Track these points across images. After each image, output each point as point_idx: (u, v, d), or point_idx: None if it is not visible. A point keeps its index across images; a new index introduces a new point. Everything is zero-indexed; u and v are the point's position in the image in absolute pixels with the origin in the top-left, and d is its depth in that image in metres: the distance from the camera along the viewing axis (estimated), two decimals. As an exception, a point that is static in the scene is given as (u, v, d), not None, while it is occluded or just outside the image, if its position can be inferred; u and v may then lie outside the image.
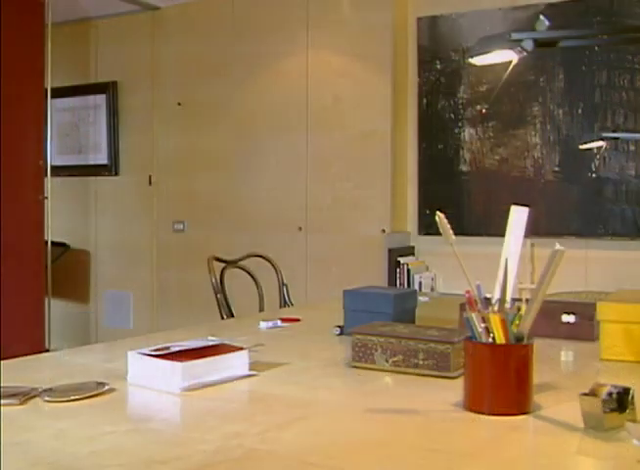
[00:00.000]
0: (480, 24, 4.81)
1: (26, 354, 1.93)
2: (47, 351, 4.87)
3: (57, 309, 6.51)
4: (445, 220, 1.47)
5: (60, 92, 6.45)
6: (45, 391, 1.52)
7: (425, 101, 5.07)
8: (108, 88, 6.20)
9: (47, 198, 5.26)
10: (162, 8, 6.00)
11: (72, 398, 1.50)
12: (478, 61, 2.38)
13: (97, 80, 6.27)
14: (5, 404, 1.47)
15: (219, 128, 5.67)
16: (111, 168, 6.20)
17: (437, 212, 1.47)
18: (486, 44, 2.22)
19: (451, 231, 1.48)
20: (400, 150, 5.10)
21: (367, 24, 5.08)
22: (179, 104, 5.83)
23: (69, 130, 6.47)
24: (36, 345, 4.89)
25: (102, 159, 6.25)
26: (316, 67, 5.28)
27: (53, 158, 6.54)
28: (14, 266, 4.77)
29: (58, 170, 6.51)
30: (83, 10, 6.12)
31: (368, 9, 5.08)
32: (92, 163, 6.31)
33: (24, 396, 1.50)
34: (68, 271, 6.45)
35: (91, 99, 6.31)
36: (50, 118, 5.50)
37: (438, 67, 5.00)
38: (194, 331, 2.29)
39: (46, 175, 5.35)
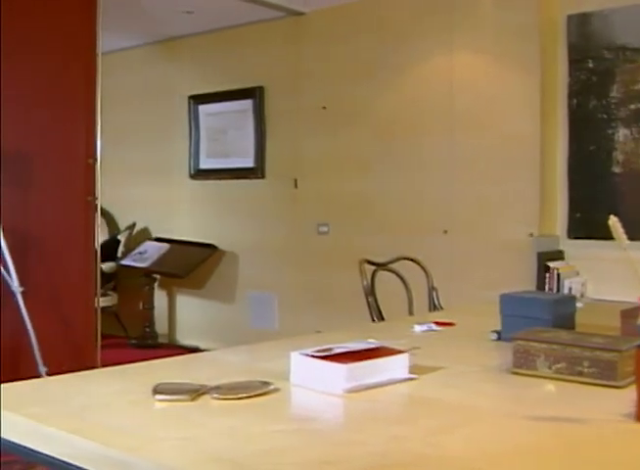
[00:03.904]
0: (636, 20, 4.63)
1: (76, 356, 1.95)
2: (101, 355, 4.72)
3: (205, 309, 6.72)
4: (619, 224, 1.42)
5: (208, 98, 6.67)
6: (213, 388, 1.57)
7: (575, 101, 4.92)
8: (254, 93, 6.34)
9: (97, 198, 4.83)
10: (307, 13, 6.08)
11: (240, 396, 1.54)
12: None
13: (244, 86, 6.41)
14: (177, 400, 1.52)
15: (363, 131, 5.69)
16: (257, 172, 6.33)
17: (611, 216, 1.41)
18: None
19: (625, 235, 1.42)
20: (549, 151, 4.97)
21: (513, 25, 4.99)
22: (324, 107, 5.89)
23: (218, 135, 6.64)
24: (87, 346, 4.68)
25: (249, 162, 6.39)
26: (461, 68, 5.22)
27: (202, 161, 6.77)
28: (60, 268, 4.53)
29: (206, 174, 6.73)
30: (230, 17, 6.28)
31: (514, 9, 4.99)
32: (239, 166, 6.46)
33: (195, 392, 1.55)
34: (216, 272, 6.63)
35: (238, 104, 6.46)
36: (98, 116, 4.85)
37: (590, 65, 4.84)
38: (348, 333, 2.30)
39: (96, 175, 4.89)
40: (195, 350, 6.29)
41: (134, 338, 6.82)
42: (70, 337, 4.39)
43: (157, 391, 1.55)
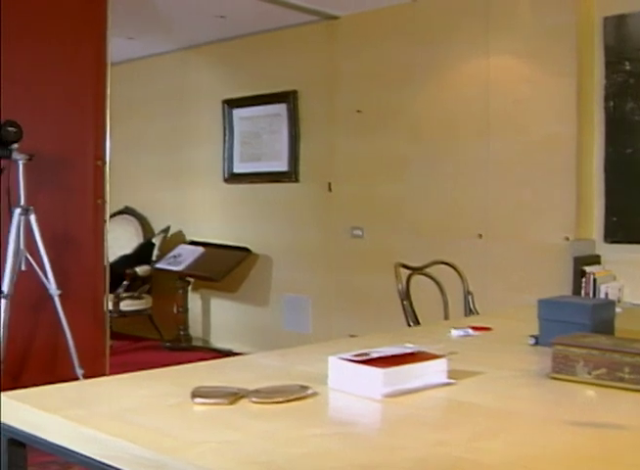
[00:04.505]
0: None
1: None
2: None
3: (239, 312, 6.74)
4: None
5: (242, 102, 6.69)
6: (252, 392, 1.57)
7: (612, 103, 4.87)
8: (288, 97, 6.35)
9: (107, 202, 4.66)
10: (340, 17, 6.08)
11: (278, 400, 1.54)
12: None
13: (278, 90, 6.43)
14: (215, 404, 1.53)
15: (398, 134, 5.68)
16: (291, 175, 6.34)
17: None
18: None
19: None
20: (585, 154, 4.93)
21: (549, 27, 4.95)
22: (359, 111, 5.89)
23: (252, 139, 6.66)
24: (96, 349, 4.55)
25: (283, 166, 6.39)
26: (496, 71, 5.19)
27: (236, 165, 6.80)
28: (69, 273, 4.34)
29: (240, 177, 6.75)
30: (263, 22, 6.30)
31: (550, 11, 4.95)
32: (273, 170, 6.47)
33: (233, 396, 1.55)
34: (250, 275, 6.65)
35: (272, 108, 6.47)
36: (107, 118, 4.71)
37: (627, 68, 4.80)
38: (385, 337, 2.30)
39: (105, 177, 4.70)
40: (228, 352, 6.31)
41: (168, 341, 6.86)
42: (80, 341, 4.35)
43: (195, 394, 1.56)
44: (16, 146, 3.83)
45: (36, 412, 1.51)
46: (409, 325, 3.15)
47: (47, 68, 4.38)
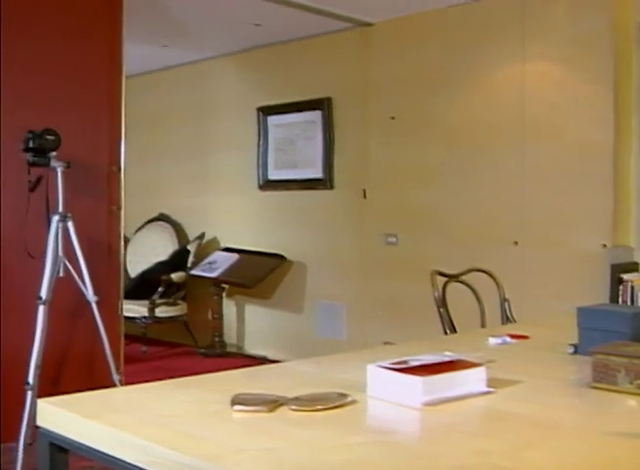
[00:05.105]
0: None
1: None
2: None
3: (273, 319, 6.75)
4: None
5: (276, 109, 6.72)
6: (292, 399, 1.57)
7: (650, 109, 4.83)
8: (322, 104, 6.36)
9: (121, 209, 4.58)
10: (374, 24, 6.09)
11: (318, 407, 1.54)
12: None
13: (312, 97, 6.44)
14: (255, 411, 1.53)
15: (433, 141, 5.66)
16: (326, 182, 6.34)
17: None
18: None
19: None
20: (623, 160, 4.88)
21: (585, 33, 4.92)
22: (393, 118, 5.88)
23: (286, 146, 6.68)
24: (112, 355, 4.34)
25: (317, 173, 6.40)
26: (532, 77, 5.16)
27: (270, 172, 6.82)
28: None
29: (275, 184, 6.77)
30: (297, 29, 6.32)
31: (586, 17, 4.91)
32: (308, 177, 6.48)
33: (273, 403, 1.55)
34: (284, 282, 6.66)
35: (307, 115, 6.49)
36: (122, 119, 4.64)
37: (665, 73, 4.75)
38: (422, 345, 2.30)
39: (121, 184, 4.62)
40: (263, 359, 6.33)
41: (203, 347, 6.89)
42: (93, 348, 4.32)
43: (235, 401, 1.57)
44: (54, 154, 3.87)
45: (77, 418, 1.53)
46: (445, 333, 3.13)
47: (62, 72, 4.41)
